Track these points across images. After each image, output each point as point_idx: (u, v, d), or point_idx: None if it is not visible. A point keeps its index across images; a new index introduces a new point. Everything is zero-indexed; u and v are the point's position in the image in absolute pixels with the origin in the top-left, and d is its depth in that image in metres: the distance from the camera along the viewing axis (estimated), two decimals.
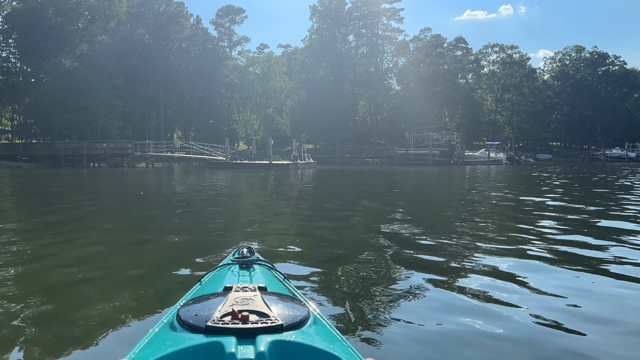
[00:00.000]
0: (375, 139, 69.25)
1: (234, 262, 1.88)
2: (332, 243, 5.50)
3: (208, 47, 70.50)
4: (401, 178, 23.06)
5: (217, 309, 1.23)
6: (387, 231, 6.15)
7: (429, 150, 47.41)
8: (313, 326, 1.24)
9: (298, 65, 71.78)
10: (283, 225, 7.28)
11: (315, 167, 37.53)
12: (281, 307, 1.28)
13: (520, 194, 12.46)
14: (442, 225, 6.89)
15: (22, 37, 53.33)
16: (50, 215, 8.42)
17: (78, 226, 7.04)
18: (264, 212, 8.97)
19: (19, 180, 21.25)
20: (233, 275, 1.72)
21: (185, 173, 29.92)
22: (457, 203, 10.58)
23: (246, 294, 1.34)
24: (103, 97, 52.96)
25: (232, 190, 15.38)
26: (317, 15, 68.75)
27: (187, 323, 1.20)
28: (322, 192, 14.75)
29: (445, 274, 3.90)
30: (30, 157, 42.71)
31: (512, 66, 75.58)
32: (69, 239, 5.74)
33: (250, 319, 1.15)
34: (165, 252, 5.03)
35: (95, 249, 5.22)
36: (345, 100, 66.63)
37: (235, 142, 71.79)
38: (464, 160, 48.50)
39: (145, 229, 6.81)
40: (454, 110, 72.48)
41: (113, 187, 17.44)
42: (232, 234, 6.00)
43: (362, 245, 5.18)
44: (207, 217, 8.02)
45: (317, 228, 6.65)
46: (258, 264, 1.88)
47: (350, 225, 7.04)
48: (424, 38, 72.72)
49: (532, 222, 6.95)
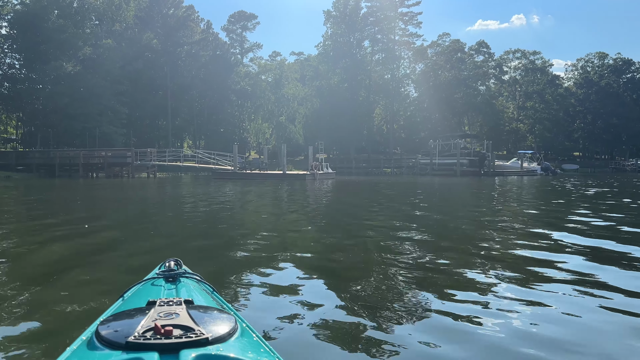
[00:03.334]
0: (392, 148, 64.33)
1: (159, 276, 1.75)
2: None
3: (218, 54, 66.29)
4: (443, 192, 18.17)
5: (139, 324, 1.14)
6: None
7: (457, 160, 42.32)
8: (240, 338, 1.18)
9: (311, 72, 67.36)
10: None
11: (334, 178, 32.77)
12: (207, 320, 1.20)
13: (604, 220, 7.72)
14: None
15: (24, 40, 49.38)
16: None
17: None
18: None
19: None
20: (158, 289, 1.62)
21: (184, 185, 25.24)
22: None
23: (170, 308, 1.25)
24: (106, 103, 48.79)
25: (237, 218, 10.63)
26: (331, 20, 64.32)
27: (106, 339, 1.11)
28: (357, 212, 9.96)
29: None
30: (25, 166, 38.33)
31: (534, 72, 70.38)
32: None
33: (174, 334, 1.09)
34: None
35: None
36: (360, 108, 61.93)
37: (247, 151, 67.35)
38: (495, 171, 43.39)
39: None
40: (474, 119, 67.31)
41: (67, 206, 12.79)
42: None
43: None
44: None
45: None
46: (185, 277, 1.76)
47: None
48: (443, 43, 67.88)
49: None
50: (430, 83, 63.60)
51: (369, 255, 5.30)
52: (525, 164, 46.63)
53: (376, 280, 4.13)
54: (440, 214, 10.13)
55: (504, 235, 6.76)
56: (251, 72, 74.07)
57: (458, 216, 9.55)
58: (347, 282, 4.06)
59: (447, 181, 30.37)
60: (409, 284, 3.98)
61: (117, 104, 50.38)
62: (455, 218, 9.19)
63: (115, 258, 5.17)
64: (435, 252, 5.39)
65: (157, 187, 22.25)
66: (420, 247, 5.76)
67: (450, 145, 45.36)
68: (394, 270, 4.43)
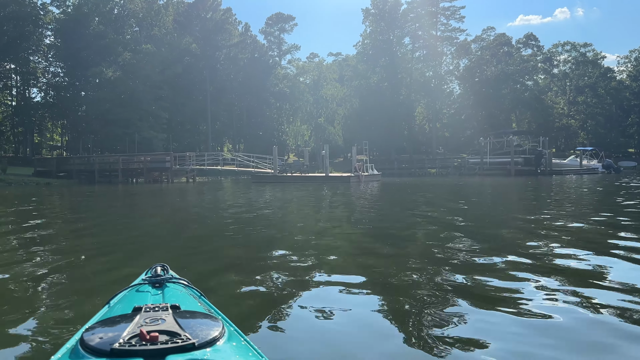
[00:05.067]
0: (435, 147, 61.31)
1: (145, 282, 1.72)
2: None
3: (256, 56, 64.95)
4: (512, 194, 15.59)
5: (124, 331, 1.12)
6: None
7: (511, 158, 39.05)
8: (227, 343, 1.16)
9: (350, 72, 65.09)
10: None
11: (380, 180, 30.42)
12: (194, 325, 1.18)
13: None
14: None
15: (66, 48, 49.30)
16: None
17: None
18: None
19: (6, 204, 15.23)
20: (144, 295, 1.58)
21: (224, 190, 23.50)
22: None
23: (157, 314, 1.24)
24: (147, 108, 48.00)
25: (279, 226, 8.53)
26: (370, 18, 61.94)
27: (91, 347, 1.08)
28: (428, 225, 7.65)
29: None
30: (66, 172, 37.65)
31: (585, 66, 65.79)
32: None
33: (159, 339, 1.07)
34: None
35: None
36: (400, 107, 59.21)
37: (285, 154, 65.75)
38: (552, 169, 39.91)
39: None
40: (522, 115, 63.38)
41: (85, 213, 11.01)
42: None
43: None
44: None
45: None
46: (172, 282, 1.72)
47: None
48: (487, 38, 64.32)
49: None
50: (476, 79, 60.19)
51: (435, 286, 3.82)
52: (584, 162, 42.79)
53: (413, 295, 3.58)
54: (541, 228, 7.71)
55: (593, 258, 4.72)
56: (289, 74, 72.53)
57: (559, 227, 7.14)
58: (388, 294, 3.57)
59: (502, 181, 27.53)
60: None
61: (158, 108, 49.62)
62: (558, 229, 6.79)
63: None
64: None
65: (195, 193, 20.53)
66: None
67: (503, 142, 42.06)
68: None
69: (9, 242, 6.60)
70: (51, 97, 54.26)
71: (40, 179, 33.97)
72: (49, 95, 54.65)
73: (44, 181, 33.08)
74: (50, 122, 60.28)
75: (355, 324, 2.94)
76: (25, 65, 49.56)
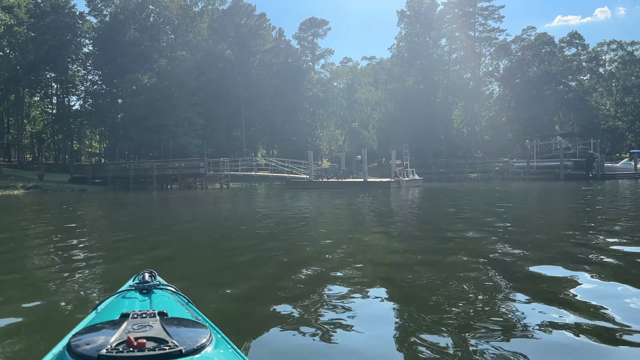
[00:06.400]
0: (473, 151, 58.84)
1: (133, 288, 1.69)
2: None
3: (290, 61, 64.05)
4: (574, 201, 13.66)
5: (112, 337, 1.11)
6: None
7: (560, 162, 36.53)
8: (215, 350, 1.15)
9: (385, 75, 63.38)
10: None
11: (422, 185, 28.67)
12: (181, 332, 1.18)
13: None
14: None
15: (103, 56, 49.51)
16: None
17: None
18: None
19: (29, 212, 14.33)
20: (132, 302, 1.57)
21: (258, 197, 22.26)
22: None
23: (144, 320, 1.23)
24: (182, 114, 47.63)
25: (325, 243, 7.10)
26: (406, 20, 60.05)
27: (78, 353, 1.07)
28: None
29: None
30: (102, 179, 37.38)
31: (632, 65, 62.05)
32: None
33: (147, 346, 1.06)
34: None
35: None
36: (437, 110, 57.06)
37: (319, 159, 64.59)
38: (604, 174, 37.18)
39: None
40: (566, 117, 60.18)
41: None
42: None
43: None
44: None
45: None
46: (160, 289, 1.70)
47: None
48: (528, 37, 61.48)
49: None
50: (517, 80, 57.45)
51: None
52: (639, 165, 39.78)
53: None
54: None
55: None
56: (323, 79, 71.47)
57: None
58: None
59: (554, 187, 25.35)
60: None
61: (193, 114, 49.24)
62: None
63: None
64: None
65: (230, 200, 19.33)
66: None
67: (551, 145, 39.49)
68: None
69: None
70: (89, 104, 54.72)
71: (75, 186, 33.70)
72: (87, 102, 55.14)
73: (79, 188, 32.77)
74: (89, 129, 60.93)
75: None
76: (64, 73, 49.99)
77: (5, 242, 7.24)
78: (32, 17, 45.87)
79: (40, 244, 7.09)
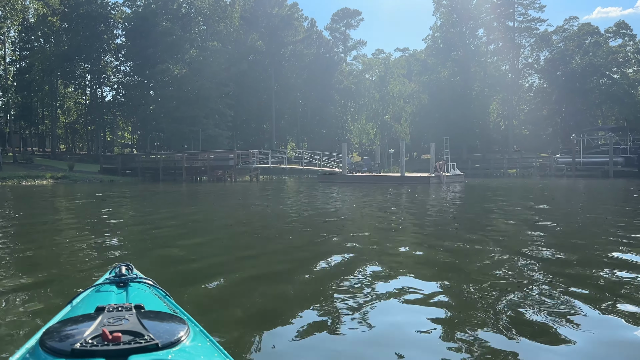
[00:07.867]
0: (510, 146, 56.24)
1: (109, 281, 1.66)
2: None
3: (321, 52, 62.56)
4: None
5: (86, 331, 1.09)
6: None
7: (609, 158, 34.07)
8: (192, 343, 1.13)
9: (419, 67, 61.21)
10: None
11: (464, 181, 26.88)
12: (158, 325, 1.16)
13: None
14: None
15: (134, 46, 49.05)
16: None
17: None
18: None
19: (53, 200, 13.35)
20: (108, 295, 1.53)
21: (289, 192, 20.95)
22: None
23: (120, 314, 1.20)
24: (213, 105, 46.82)
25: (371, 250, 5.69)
26: (441, 10, 57.63)
27: (51, 347, 1.05)
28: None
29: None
30: (132, 170, 36.84)
31: None
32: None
33: (122, 340, 1.04)
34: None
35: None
36: (473, 103, 54.59)
37: (349, 153, 63.08)
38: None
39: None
40: (609, 111, 56.85)
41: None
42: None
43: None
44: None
45: None
46: (136, 282, 1.66)
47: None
48: (570, 28, 58.24)
49: None
50: (559, 72, 54.46)
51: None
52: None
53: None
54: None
55: None
56: (355, 71, 69.70)
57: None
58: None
59: (606, 184, 23.22)
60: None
61: (223, 106, 48.39)
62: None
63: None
64: None
65: (259, 195, 18.08)
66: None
67: (598, 140, 36.94)
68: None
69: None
70: (122, 95, 54.52)
71: (104, 177, 33.17)
72: (119, 93, 54.96)
73: (107, 178, 32.20)
74: (121, 120, 60.88)
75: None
76: (97, 64, 49.78)
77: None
78: (66, 8, 45.67)
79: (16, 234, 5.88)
